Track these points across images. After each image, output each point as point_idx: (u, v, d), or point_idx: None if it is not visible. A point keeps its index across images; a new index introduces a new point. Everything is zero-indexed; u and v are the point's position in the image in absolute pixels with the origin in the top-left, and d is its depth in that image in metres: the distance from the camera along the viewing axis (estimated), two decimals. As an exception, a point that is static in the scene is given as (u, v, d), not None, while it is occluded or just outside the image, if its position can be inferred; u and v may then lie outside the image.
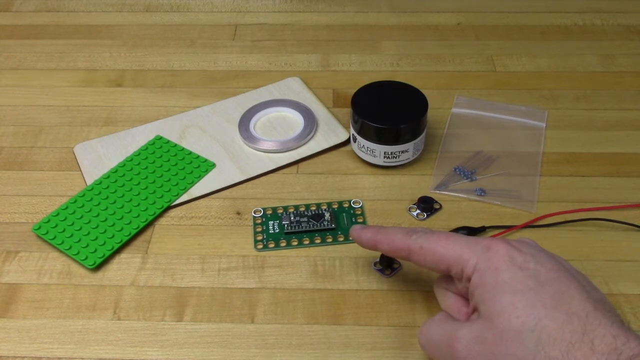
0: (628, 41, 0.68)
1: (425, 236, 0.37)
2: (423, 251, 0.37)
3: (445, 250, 0.36)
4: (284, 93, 0.61)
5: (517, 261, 0.34)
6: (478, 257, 0.34)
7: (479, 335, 0.33)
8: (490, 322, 0.32)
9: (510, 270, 0.33)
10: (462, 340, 0.33)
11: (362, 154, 0.53)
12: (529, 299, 0.32)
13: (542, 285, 0.32)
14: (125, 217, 0.49)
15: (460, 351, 0.33)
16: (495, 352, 0.32)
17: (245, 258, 0.47)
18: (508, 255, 0.34)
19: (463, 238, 0.36)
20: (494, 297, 0.33)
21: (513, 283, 0.33)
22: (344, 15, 0.73)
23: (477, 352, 0.33)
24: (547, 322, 0.31)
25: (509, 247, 0.34)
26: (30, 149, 0.57)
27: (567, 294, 0.32)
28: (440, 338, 0.35)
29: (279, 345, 0.41)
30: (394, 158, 0.52)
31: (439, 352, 0.35)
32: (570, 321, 0.31)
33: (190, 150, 0.55)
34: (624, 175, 0.52)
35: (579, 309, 0.31)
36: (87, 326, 0.43)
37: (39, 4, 0.76)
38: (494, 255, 0.34)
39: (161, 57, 0.67)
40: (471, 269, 0.34)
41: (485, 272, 0.34)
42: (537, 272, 0.33)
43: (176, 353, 0.41)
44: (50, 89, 0.64)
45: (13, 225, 0.50)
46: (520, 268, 0.33)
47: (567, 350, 0.30)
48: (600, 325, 0.31)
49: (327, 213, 0.49)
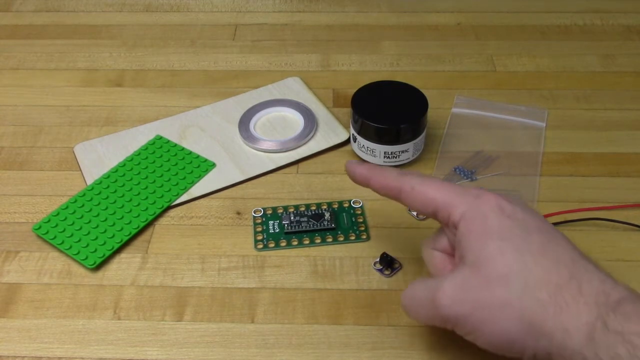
0: (628, 41, 0.68)
1: (418, 178, 0.37)
2: (414, 192, 0.36)
3: (435, 194, 0.36)
4: (284, 93, 0.61)
5: (505, 210, 0.33)
6: (467, 205, 0.34)
7: (463, 283, 0.32)
8: (476, 269, 0.32)
9: (498, 218, 0.33)
10: (446, 290, 0.33)
11: (362, 154, 0.53)
12: (516, 246, 0.32)
13: (530, 234, 0.32)
14: (125, 216, 0.49)
15: (443, 301, 0.33)
16: (481, 298, 0.32)
17: (245, 258, 0.47)
18: (497, 204, 0.34)
19: (455, 186, 0.36)
20: (480, 244, 0.33)
21: (500, 230, 0.33)
22: (344, 15, 0.73)
23: (462, 299, 0.32)
24: (533, 267, 0.31)
25: (498, 198, 0.34)
26: (30, 149, 0.57)
27: (554, 242, 0.32)
28: (424, 294, 0.35)
29: (279, 345, 0.41)
30: (394, 158, 0.52)
31: (422, 309, 0.35)
32: (557, 267, 0.31)
33: (190, 150, 0.55)
34: (624, 175, 0.52)
35: (565, 256, 0.31)
36: (87, 326, 0.43)
37: (39, 4, 0.76)
38: (483, 204, 0.34)
39: (161, 57, 0.67)
40: (458, 215, 0.34)
41: (473, 219, 0.34)
42: (525, 221, 0.33)
43: (176, 353, 0.41)
44: (50, 89, 0.64)
45: (13, 225, 0.50)
46: (508, 217, 0.33)
47: (554, 292, 0.30)
48: (587, 271, 0.31)
49: (327, 213, 0.49)
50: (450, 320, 0.33)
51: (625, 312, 0.28)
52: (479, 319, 0.32)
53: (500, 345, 0.32)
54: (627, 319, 0.28)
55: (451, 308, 0.33)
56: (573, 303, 0.29)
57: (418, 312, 0.35)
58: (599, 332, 0.28)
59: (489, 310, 0.31)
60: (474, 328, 0.32)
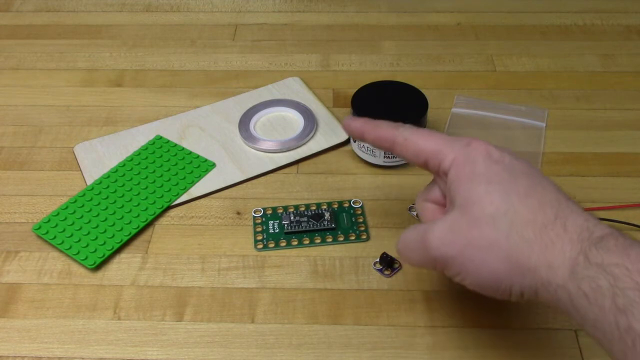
0: (628, 41, 0.68)
1: (410, 130, 0.38)
2: (406, 143, 0.37)
3: (426, 143, 0.37)
4: (284, 93, 0.61)
5: (493, 156, 0.35)
6: (456, 152, 0.35)
7: (452, 225, 0.33)
8: (465, 210, 0.33)
9: (487, 164, 0.34)
10: (435, 232, 0.34)
11: (362, 154, 0.53)
12: (504, 188, 0.33)
13: (517, 178, 0.33)
14: (125, 216, 0.49)
15: (433, 242, 0.34)
16: (469, 237, 0.32)
17: (245, 258, 0.47)
18: (486, 151, 0.35)
19: (445, 135, 0.37)
20: (469, 187, 0.34)
21: (489, 174, 0.34)
22: (344, 15, 0.73)
23: (450, 240, 0.33)
24: (520, 208, 0.32)
25: (487, 145, 0.35)
26: (30, 149, 0.57)
27: (540, 185, 0.33)
28: (415, 237, 0.36)
29: (279, 345, 0.41)
30: (393, 158, 0.52)
31: (414, 252, 0.36)
32: (543, 207, 0.32)
33: (190, 150, 0.55)
34: (624, 175, 0.52)
35: (551, 197, 0.32)
36: (87, 326, 0.43)
37: (39, 4, 0.76)
38: (472, 151, 0.35)
39: (161, 57, 0.67)
40: (448, 163, 0.35)
41: (463, 165, 0.35)
42: (512, 166, 0.34)
43: (176, 353, 0.41)
44: (50, 89, 0.64)
45: (13, 225, 0.50)
46: (496, 162, 0.34)
47: (540, 231, 0.31)
48: (572, 211, 0.31)
49: (327, 213, 0.49)
50: (439, 261, 0.34)
51: (607, 246, 0.29)
52: (467, 259, 0.33)
53: (488, 285, 0.33)
54: (608, 252, 0.29)
55: (440, 249, 0.34)
56: (558, 240, 0.30)
57: (410, 255, 0.36)
58: (581, 265, 0.29)
59: (477, 250, 0.32)
60: (462, 268, 0.33)
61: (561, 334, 0.42)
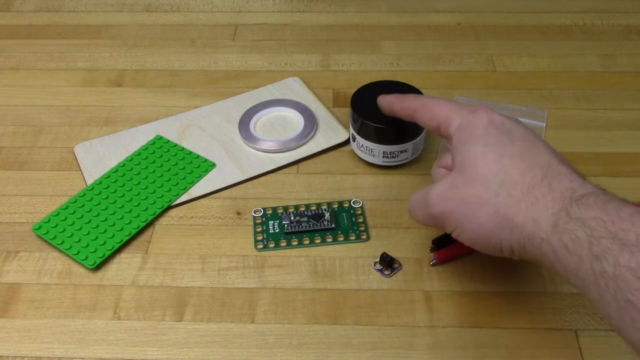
0: (628, 41, 0.68)
1: (428, 98, 0.43)
2: (424, 109, 0.42)
3: (439, 109, 0.40)
4: (284, 93, 0.61)
5: (494, 122, 0.38)
6: (462, 119, 0.39)
7: (450, 184, 0.37)
8: (462, 170, 0.37)
9: (487, 128, 0.37)
10: (435, 190, 0.38)
11: (361, 154, 0.53)
12: (499, 151, 0.36)
13: (513, 141, 0.36)
14: (125, 217, 0.49)
15: (432, 199, 0.38)
16: (464, 195, 0.36)
17: (245, 258, 0.47)
18: (488, 117, 0.38)
19: (456, 103, 0.41)
20: (467, 149, 0.37)
21: (487, 137, 0.37)
22: (344, 15, 0.73)
23: (448, 197, 0.37)
24: (511, 169, 0.35)
25: (490, 112, 0.38)
26: (30, 149, 0.57)
27: (535, 151, 0.36)
28: (419, 197, 0.39)
29: (279, 345, 0.41)
30: (393, 158, 0.52)
31: (419, 211, 0.40)
32: (532, 169, 0.34)
33: (190, 150, 0.55)
34: (624, 175, 0.52)
35: (542, 160, 0.35)
36: (87, 326, 0.43)
37: (39, 4, 0.76)
38: (475, 117, 0.38)
39: (161, 57, 0.67)
40: (454, 128, 0.39)
41: (465, 129, 0.38)
42: (511, 131, 0.37)
43: (176, 353, 0.41)
44: (50, 89, 0.64)
45: (13, 225, 0.50)
46: (496, 127, 0.37)
47: (527, 190, 0.34)
48: (560, 173, 0.34)
49: (327, 213, 0.49)
50: (438, 216, 0.38)
51: (587, 202, 0.32)
52: (462, 214, 0.36)
53: (480, 240, 0.36)
54: (587, 207, 0.31)
55: (438, 206, 0.37)
56: (542, 199, 0.33)
57: (416, 212, 0.40)
58: (562, 220, 0.32)
59: (469, 206, 0.36)
60: (458, 223, 0.36)
61: (561, 334, 0.42)
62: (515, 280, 0.45)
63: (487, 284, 0.45)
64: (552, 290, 0.44)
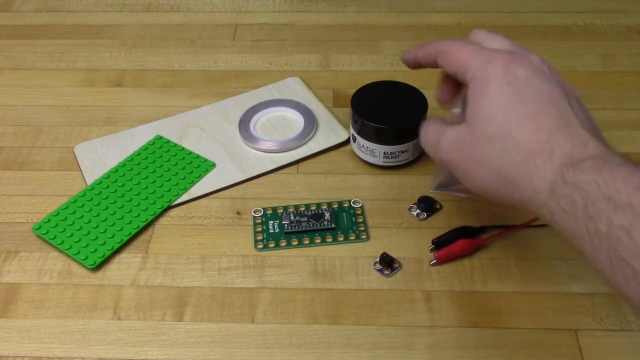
0: (628, 41, 0.68)
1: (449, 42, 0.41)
2: (444, 55, 0.41)
3: (458, 55, 0.40)
4: (284, 93, 0.61)
5: (509, 76, 0.36)
6: (477, 67, 0.38)
7: (460, 137, 0.38)
8: (472, 127, 0.37)
9: (499, 85, 0.36)
10: (447, 137, 0.39)
11: (361, 154, 0.53)
12: (507, 112, 0.36)
13: (524, 103, 0.36)
14: (125, 216, 0.49)
15: (443, 147, 0.39)
16: (469, 152, 0.37)
17: (245, 258, 0.47)
18: (503, 70, 0.37)
19: (475, 47, 0.39)
20: (478, 106, 0.37)
21: (497, 96, 0.36)
22: (344, 15, 0.73)
23: (456, 149, 0.38)
24: (516, 134, 0.35)
25: (507, 62, 0.37)
26: (30, 149, 0.57)
27: (544, 113, 0.35)
28: (433, 135, 0.40)
29: (279, 345, 0.41)
30: (393, 158, 0.52)
31: (429, 145, 0.41)
32: (537, 135, 0.35)
33: (190, 150, 0.55)
34: (624, 175, 0.52)
35: (551, 126, 0.35)
36: (87, 326, 0.43)
37: (39, 4, 0.76)
38: (490, 69, 0.37)
39: (161, 57, 0.67)
40: (470, 76, 0.38)
41: (479, 82, 0.37)
42: (524, 89, 0.36)
43: (176, 353, 0.41)
44: (50, 89, 0.64)
45: (13, 225, 0.50)
46: (509, 83, 0.36)
47: (528, 156, 0.35)
48: (564, 136, 0.34)
49: (327, 213, 0.49)
50: (446, 163, 0.40)
51: (583, 167, 0.32)
52: (467, 169, 0.38)
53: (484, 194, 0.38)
54: (583, 172, 0.32)
55: (448, 154, 0.39)
56: (542, 166, 0.34)
57: (427, 145, 0.41)
58: (559, 186, 0.33)
59: (474, 163, 0.37)
60: (463, 175, 0.38)
61: (561, 334, 0.42)
62: (515, 280, 0.45)
63: (487, 284, 0.45)
64: (552, 290, 0.44)
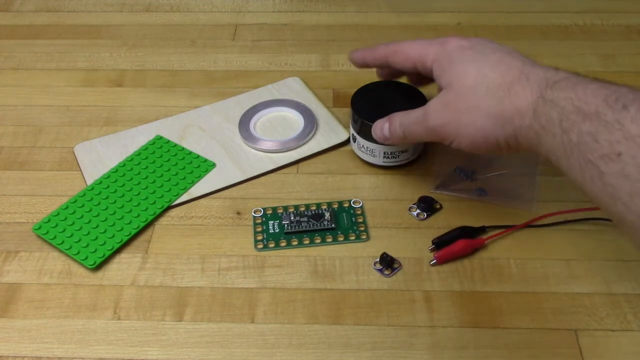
0: (628, 41, 0.68)
1: (398, 42, 0.48)
2: (396, 54, 0.47)
3: (410, 51, 0.46)
4: (284, 93, 0.61)
5: (465, 46, 0.43)
6: (435, 51, 0.44)
7: (443, 99, 0.42)
8: (450, 87, 0.42)
9: (461, 51, 0.43)
10: (431, 106, 0.43)
11: (361, 154, 0.53)
12: (477, 64, 0.41)
13: (486, 55, 0.42)
14: (125, 217, 0.49)
15: (431, 115, 0.43)
16: (457, 106, 0.41)
17: (245, 258, 0.47)
18: (457, 44, 0.44)
19: (426, 40, 0.46)
20: (450, 71, 0.42)
21: (463, 58, 0.42)
22: (344, 15, 0.73)
23: (443, 109, 0.42)
24: (492, 75, 0.40)
25: (458, 39, 0.44)
26: (30, 149, 0.57)
27: (508, 56, 0.41)
28: (415, 115, 0.44)
29: (279, 345, 0.41)
30: (393, 158, 0.52)
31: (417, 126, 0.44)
32: (509, 70, 0.40)
33: (190, 150, 0.55)
34: (624, 175, 0.52)
35: (517, 62, 0.40)
36: (87, 326, 0.43)
37: (39, 4, 0.76)
38: (447, 47, 0.44)
39: (161, 57, 0.67)
40: (430, 61, 0.44)
41: (442, 58, 0.44)
42: (481, 47, 0.43)
43: (176, 353, 0.41)
44: (50, 89, 0.64)
45: (13, 225, 0.50)
46: (470, 48, 0.43)
47: (508, 88, 0.39)
48: (534, 68, 0.39)
49: (327, 213, 0.49)
50: (437, 129, 0.42)
51: (560, 86, 0.36)
52: (459, 122, 0.41)
53: (478, 142, 0.41)
54: (559, 90, 0.36)
55: (436, 119, 0.42)
56: (522, 92, 0.38)
57: (414, 129, 0.45)
58: (540, 105, 0.37)
59: (465, 114, 0.41)
60: (455, 132, 0.41)
61: (561, 334, 0.42)
62: (515, 280, 0.45)
63: (487, 284, 0.45)
64: (552, 290, 0.44)
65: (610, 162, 0.32)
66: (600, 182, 0.32)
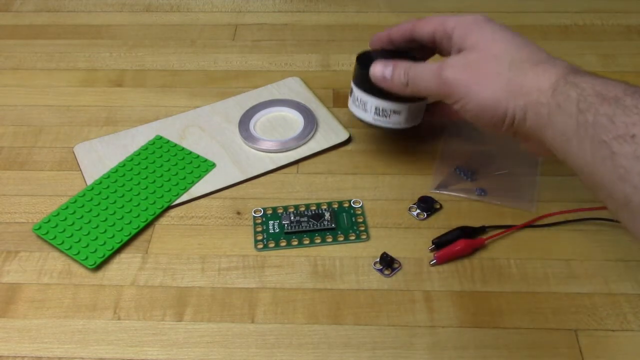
0: (628, 41, 0.68)
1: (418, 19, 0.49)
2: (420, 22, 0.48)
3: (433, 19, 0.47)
4: (284, 93, 0.61)
5: (492, 20, 0.44)
6: (457, 19, 0.45)
7: (465, 57, 0.43)
8: (476, 49, 0.43)
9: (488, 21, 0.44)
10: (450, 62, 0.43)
11: (355, 110, 0.51)
12: (506, 39, 0.42)
13: (514, 35, 0.43)
14: (125, 217, 0.49)
15: (448, 69, 0.43)
16: (478, 69, 0.42)
17: (246, 258, 0.47)
18: (483, 16, 0.45)
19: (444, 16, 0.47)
20: (479, 34, 0.43)
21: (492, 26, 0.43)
22: (344, 15, 0.73)
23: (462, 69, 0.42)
24: (517, 53, 0.41)
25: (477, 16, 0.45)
26: (30, 149, 0.57)
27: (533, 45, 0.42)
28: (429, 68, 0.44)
29: (279, 345, 0.41)
30: (384, 116, 0.50)
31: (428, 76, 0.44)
32: (537, 53, 0.41)
33: (190, 150, 0.55)
34: (624, 175, 0.52)
35: (542, 52, 0.42)
36: (87, 326, 0.43)
37: (39, 4, 0.76)
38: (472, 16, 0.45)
39: (161, 57, 0.67)
40: (452, 25, 0.45)
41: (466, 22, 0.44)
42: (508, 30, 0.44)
43: (176, 353, 0.41)
44: (50, 89, 0.64)
45: (13, 225, 0.50)
46: (492, 21, 0.44)
47: (534, 65, 0.40)
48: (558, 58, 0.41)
49: (327, 213, 0.49)
50: (449, 82, 0.42)
51: (583, 73, 0.38)
52: (474, 82, 0.41)
53: (487, 108, 0.41)
54: (582, 76, 0.37)
55: (453, 72, 0.42)
56: (546, 72, 0.39)
57: (422, 78, 0.45)
58: (561, 85, 0.38)
59: (484, 77, 0.41)
60: (467, 92, 0.42)
61: (561, 334, 0.42)
62: (515, 280, 0.45)
63: (487, 284, 0.45)
64: (552, 290, 0.44)
65: (625, 144, 0.33)
66: (612, 163, 0.33)
